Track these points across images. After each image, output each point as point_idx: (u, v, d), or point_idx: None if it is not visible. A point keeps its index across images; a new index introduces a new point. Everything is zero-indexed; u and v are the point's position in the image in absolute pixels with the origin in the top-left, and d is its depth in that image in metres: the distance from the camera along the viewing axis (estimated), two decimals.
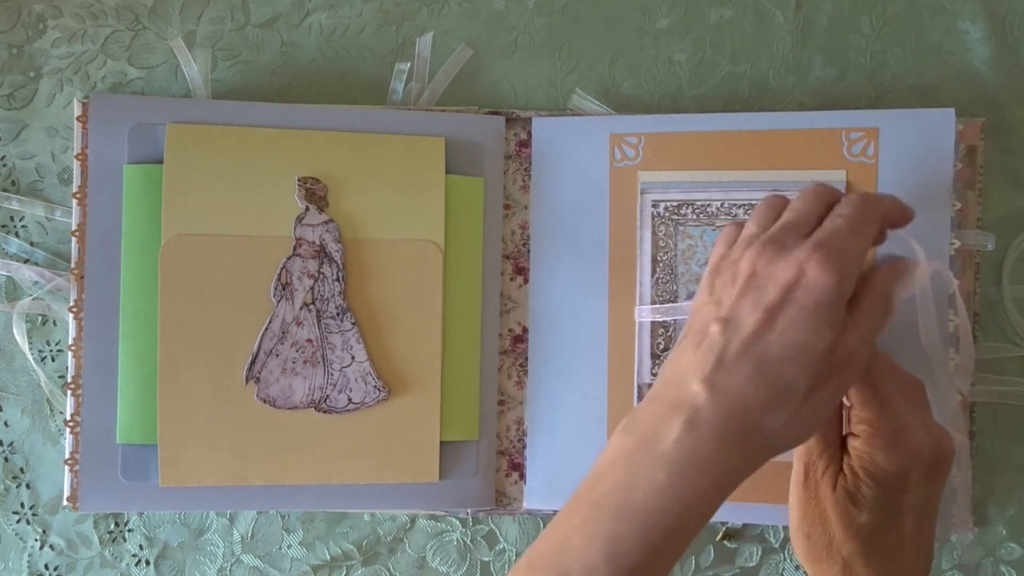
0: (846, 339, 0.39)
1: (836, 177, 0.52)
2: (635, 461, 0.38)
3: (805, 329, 0.38)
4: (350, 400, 0.54)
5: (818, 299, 0.38)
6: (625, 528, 0.36)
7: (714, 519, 0.54)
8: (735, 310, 0.39)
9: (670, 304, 0.54)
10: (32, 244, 0.56)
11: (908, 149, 0.52)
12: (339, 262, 0.53)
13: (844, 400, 0.45)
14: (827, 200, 0.42)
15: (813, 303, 0.38)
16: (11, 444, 0.56)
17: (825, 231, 0.40)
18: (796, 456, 0.45)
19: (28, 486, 0.56)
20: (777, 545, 0.56)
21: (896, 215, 0.43)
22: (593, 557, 0.36)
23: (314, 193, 0.53)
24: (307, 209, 0.53)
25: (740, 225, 0.44)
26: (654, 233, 0.54)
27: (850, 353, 0.39)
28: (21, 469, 0.56)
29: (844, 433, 0.45)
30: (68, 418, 0.53)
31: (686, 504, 0.37)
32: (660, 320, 0.54)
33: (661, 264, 0.54)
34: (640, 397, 0.54)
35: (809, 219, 0.41)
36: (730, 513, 0.54)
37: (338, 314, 0.54)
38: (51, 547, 0.56)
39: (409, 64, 0.56)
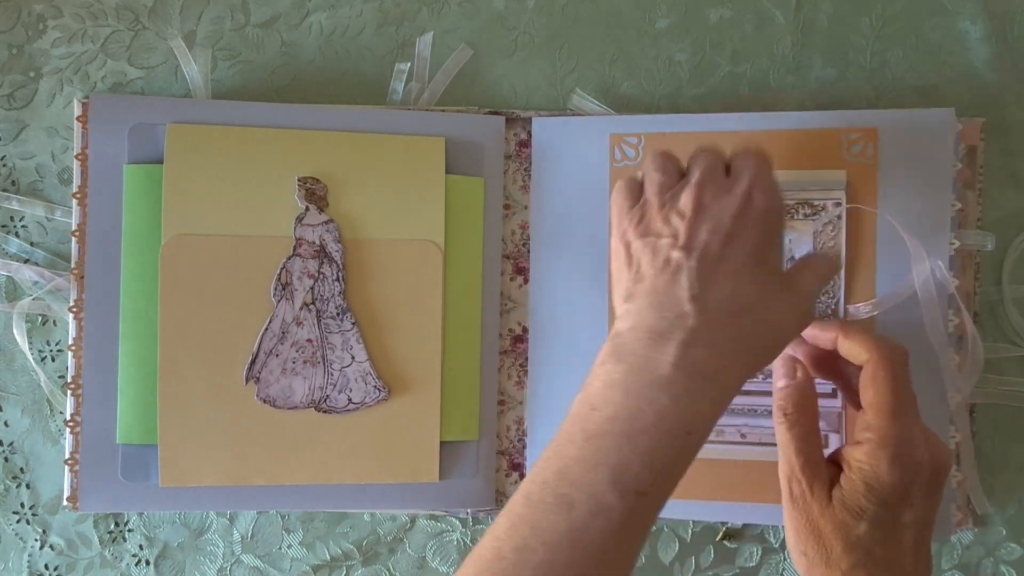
0: (801, 274, 0.44)
1: (836, 177, 0.52)
2: (633, 388, 0.38)
3: (765, 244, 0.41)
4: (350, 400, 0.54)
5: (768, 219, 0.42)
6: (630, 454, 0.37)
7: (714, 519, 0.54)
8: (693, 239, 0.41)
9: None
10: (32, 244, 0.56)
11: (908, 149, 0.52)
12: (339, 262, 0.53)
13: (839, 413, 0.45)
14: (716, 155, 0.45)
15: (764, 224, 0.41)
16: (11, 444, 0.56)
17: (750, 171, 0.43)
18: (780, 474, 0.45)
19: (28, 486, 0.56)
20: (777, 545, 0.56)
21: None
22: (599, 484, 0.36)
23: (314, 193, 0.53)
24: (307, 209, 0.53)
25: (636, 180, 0.45)
26: None
27: (807, 284, 0.43)
28: (21, 469, 0.56)
29: (842, 446, 0.45)
30: (68, 418, 0.53)
31: (690, 425, 0.38)
32: None
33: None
34: None
35: (716, 169, 0.44)
36: (730, 513, 0.54)
37: (338, 314, 0.54)
38: (51, 547, 0.56)
39: (409, 64, 0.56)
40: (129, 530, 0.56)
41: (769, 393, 0.52)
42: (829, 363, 0.48)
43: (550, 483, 0.37)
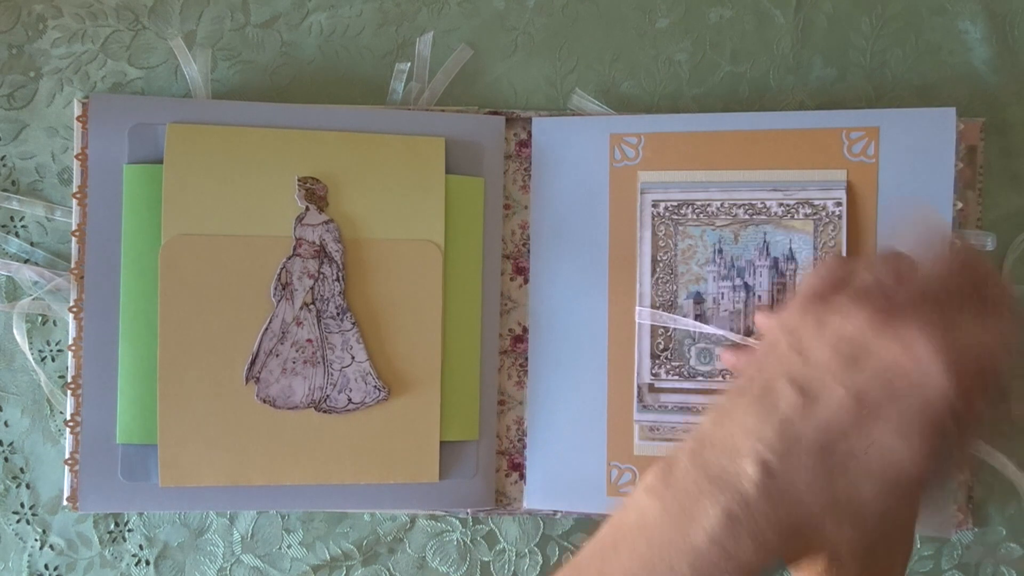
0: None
1: (836, 177, 0.52)
2: (659, 544, 0.31)
3: (900, 436, 0.30)
4: (350, 400, 0.54)
5: (926, 399, 0.30)
6: None
7: None
8: (817, 377, 0.31)
9: (668, 315, 0.54)
10: (32, 244, 0.56)
11: (909, 148, 0.52)
12: (339, 262, 0.53)
13: None
14: (972, 272, 0.33)
15: (919, 404, 0.30)
16: (11, 444, 0.56)
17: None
18: None
19: (28, 486, 0.56)
20: None
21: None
22: None
23: (314, 193, 0.53)
24: (307, 209, 0.53)
25: (849, 260, 0.36)
26: (654, 233, 0.54)
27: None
28: (21, 469, 0.56)
29: None
30: (68, 418, 0.53)
31: None
32: (660, 324, 0.54)
33: (661, 264, 0.54)
34: (640, 397, 0.54)
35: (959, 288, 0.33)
36: None
37: (338, 314, 0.54)
38: (51, 547, 0.56)
39: (409, 64, 0.56)
40: (129, 530, 0.56)
41: None
42: None
43: None
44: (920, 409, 0.29)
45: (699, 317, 0.53)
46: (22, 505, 0.56)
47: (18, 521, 0.56)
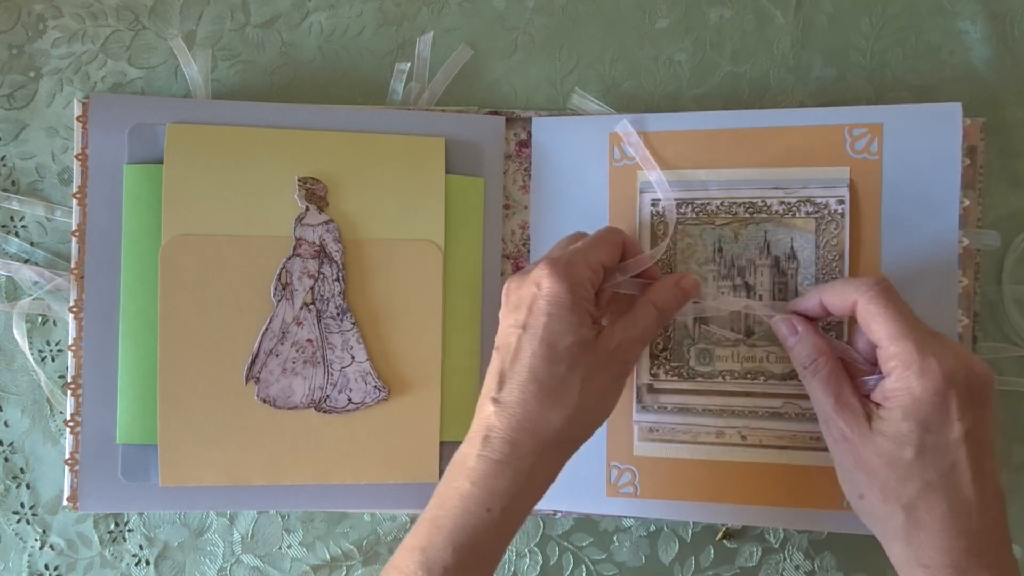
0: (613, 331, 0.46)
1: (839, 175, 0.52)
2: (448, 480, 0.44)
3: (553, 330, 0.44)
4: (350, 400, 0.53)
5: (553, 302, 0.44)
6: (436, 534, 0.42)
7: (714, 521, 0.54)
8: (502, 334, 0.45)
9: None
10: (32, 244, 0.56)
11: (913, 145, 0.51)
12: (339, 262, 0.53)
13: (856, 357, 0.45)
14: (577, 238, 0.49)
15: (550, 307, 0.44)
16: (11, 444, 0.56)
17: (555, 253, 0.47)
18: (821, 426, 0.46)
19: (28, 486, 0.56)
20: (777, 545, 0.56)
21: (632, 248, 0.49)
22: (411, 565, 0.42)
23: (314, 193, 0.53)
24: (307, 209, 0.53)
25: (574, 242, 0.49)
26: (653, 232, 0.54)
27: (617, 343, 0.45)
28: (21, 469, 0.56)
29: (875, 386, 0.44)
30: (68, 418, 0.53)
31: (488, 503, 0.42)
32: None
33: (660, 264, 0.54)
34: (639, 398, 0.54)
35: (558, 248, 0.47)
36: (730, 515, 0.54)
37: (338, 314, 0.53)
38: (51, 547, 0.56)
39: (409, 64, 0.56)
40: (129, 530, 0.56)
41: (769, 395, 0.53)
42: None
43: (386, 568, 0.44)
44: (550, 307, 0.44)
45: (699, 317, 0.53)
46: (22, 505, 0.56)
47: (18, 521, 0.56)
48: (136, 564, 0.56)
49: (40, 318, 0.56)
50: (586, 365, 0.44)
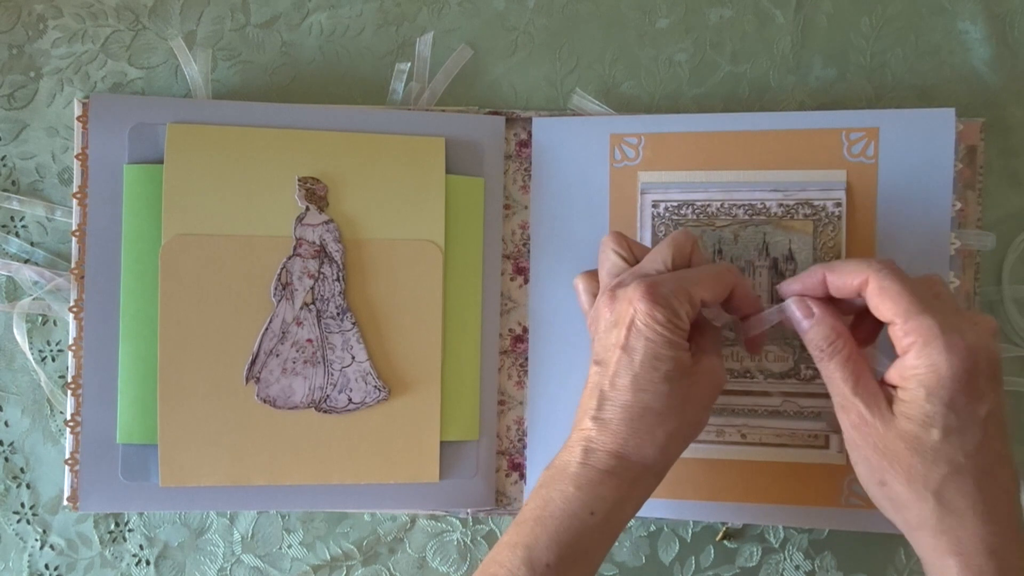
0: (711, 360, 0.45)
1: (836, 177, 0.52)
2: (550, 484, 0.44)
3: (652, 355, 0.43)
4: (350, 400, 0.54)
5: (650, 327, 0.43)
6: (541, 533, 0.43)
7: (714, 519, 0.54)
8: (602, 349, 0.45)
9: None
10: (32, 244, 0.56)
11: (908, 149, 0.52)
12: (339, 262, 0.54)
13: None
14: (681, 249, 0.47)
15: (648, 331, 0.43)
16: (11, 444, 0.56)
17: (649, 267, 0.46)
18: (836, 411, 0.44)
19: (28, 486, 0.56)
20: (777, 545, 0.56)
21: (746, 297, 0.47)
22: (514, 560, 0.42)
23: (314, 193, 0.53)
24: (307, 209, 0.53)
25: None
26: (654, 233, 0.54)
27: (711, 369, 0.45)
28: (21, 469, 0.56)
29: (890, 366, 0.43)
30: (68, 418, 0.53)
31: (592, 507, 0.43)
32: None
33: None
34: None
35: (654, 265, 0.46)
36: (730, 513, 0.54)
37: (338, 314, 0.54)
38: (51, 547, 0.56)
39: (409, 64, 0.56)
40: (129, 530, 0.56)
41: (768, 393, 0.53)
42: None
43: (485, 564, 0.44)
44: (648, 331, 0.44)
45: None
46: (22, 505, 0.56)
47: (18, 521, 0.56)
48: (136, 564, 0.56)
49: (40, 318, 0.56)
50: (684, 388, 0.44)
